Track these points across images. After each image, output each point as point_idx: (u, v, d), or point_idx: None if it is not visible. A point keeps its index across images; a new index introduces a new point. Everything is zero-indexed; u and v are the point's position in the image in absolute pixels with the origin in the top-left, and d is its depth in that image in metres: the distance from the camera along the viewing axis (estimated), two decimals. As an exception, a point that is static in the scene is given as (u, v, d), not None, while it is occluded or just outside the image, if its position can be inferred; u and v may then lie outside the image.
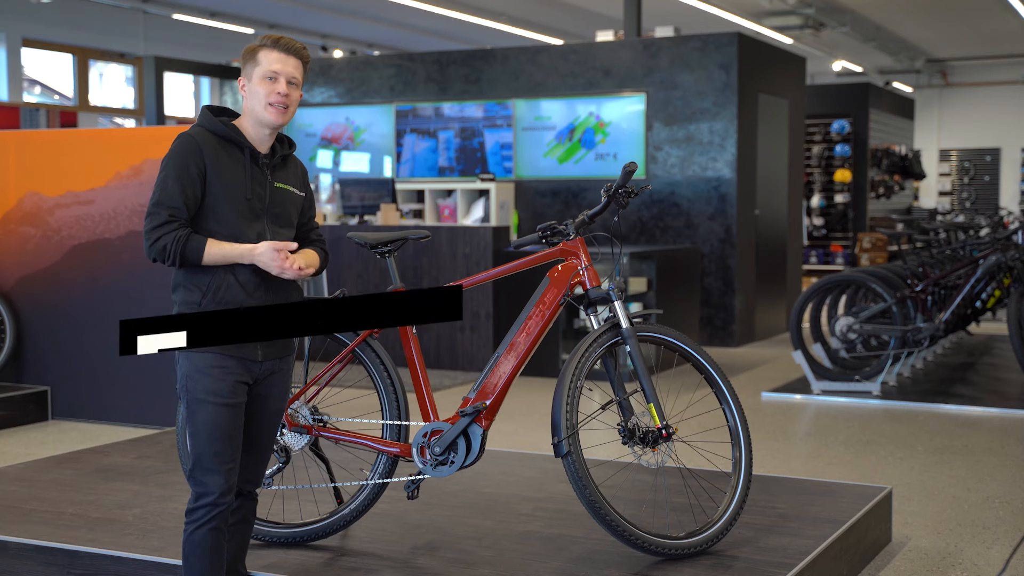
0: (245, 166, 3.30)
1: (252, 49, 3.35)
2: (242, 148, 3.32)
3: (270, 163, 3.36)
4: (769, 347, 10.90)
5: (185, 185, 3.20)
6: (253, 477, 3.46)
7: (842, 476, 5.81)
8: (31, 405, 7.23)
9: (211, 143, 3.27)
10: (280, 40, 3.33)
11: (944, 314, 8.25)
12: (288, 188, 3.41)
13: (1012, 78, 22.80)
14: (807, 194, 16.96)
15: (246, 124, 3.35)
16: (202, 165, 3.23)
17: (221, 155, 3.27)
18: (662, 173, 10.89)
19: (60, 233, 7.21)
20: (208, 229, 3.24)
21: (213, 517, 3.24)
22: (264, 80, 3.29)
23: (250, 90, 3.32)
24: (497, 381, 3.83)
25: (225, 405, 3.23)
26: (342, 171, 12.34)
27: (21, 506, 4.50)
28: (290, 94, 3.31)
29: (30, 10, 14.82)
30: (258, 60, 3.32)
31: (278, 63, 3.30)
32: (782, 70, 11.95)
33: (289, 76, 3.31)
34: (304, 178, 3.54)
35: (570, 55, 11.42)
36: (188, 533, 3.25)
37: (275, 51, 3.31)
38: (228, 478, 3.24)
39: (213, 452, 3.22)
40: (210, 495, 3.23)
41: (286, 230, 3.40)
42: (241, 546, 3.51)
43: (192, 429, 3.25)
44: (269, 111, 3.29)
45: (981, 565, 4.46)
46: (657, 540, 3.73)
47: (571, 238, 3.91)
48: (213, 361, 3.22)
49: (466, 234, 9.22)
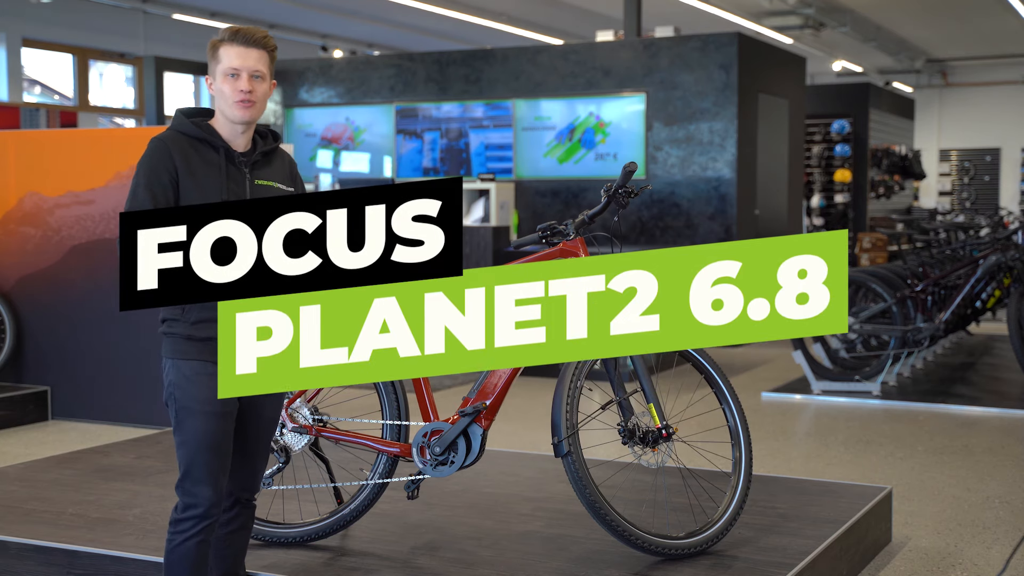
0: (220, 166, 3.20)
1: (214, 45, 3.23)
2: (216, 148, 3.22)
3: (249, 160, 3.26)
4: (769, 347, 10.90)
5: (156, 192, 3.11)
6: (251, 485, 3.40)
7: (842, 476, 5.81)
8: (31, 405, 7.23)
9: (182, 146, 3.18)
10: (239, 32, 3.21)
11: (944, 314, 8.25)
12: (272, 184, 3.30)
13: (1012, 78, 22.80)
14: (807, 194, 16.96)
15: (219, 122, 3.25)
16: (172, 169, 3.13)
17: (193, 157, 3.17)
18: (662, 173, 10.89)
19: (60, 233, 7.21)
20: None
21: (201, 530, 3.16)
22: (227, 78, 3.19)
23: (217, 89, 3.22)
24: (497, 381, 3.82)
25: (215, 414, 3.15)
26: (342, 171, 12.34)
27: (21, 506, 4.50)
28: (254, 89, 3.19)
29: (30, 10, 14.82)
30: (219, 57, 3.20)
31: (238, 59, 3.18)
32: (782, 70, 11.95)
33: (252, 70, 3.19)
34: (292, 171, 3.42)
35: (570, 55, 11.43)
36: (173, 544, 3.17)
37: (234, 46, 3.19)
38: (217, 489, 3.17)
39: (203, 463, 3.14)
40: (199, 507, 3.15)
41: None
42: (239, 553, 3.46)
43: (181, 439, 3.16)
44: (236, 108, 3.18)
45: (981, 565, 4.46)
46: (657, 540, 3.73)
47: (571, 238, 3.91)
48: (200, 368, 3.14)
49: (466, 234, 9.21)
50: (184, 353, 3.15)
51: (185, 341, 3.15)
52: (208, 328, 3.13)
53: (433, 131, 11.90)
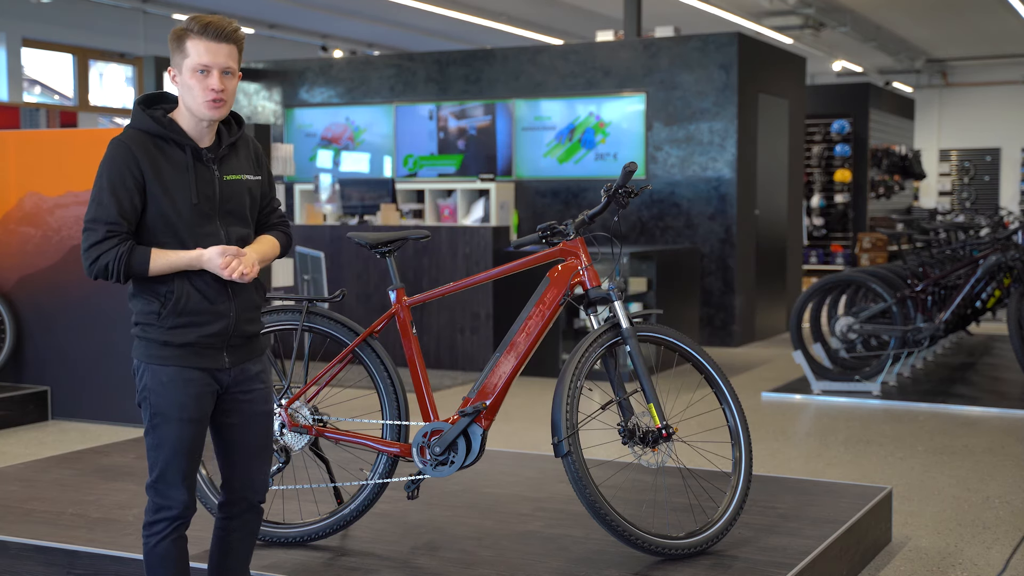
0: (188, 166, 3.04)
1: (178, 35, 3.01)
2: (183, 147, 3.05)
3: (216, 156, 3.10)
4: (769, 347, 10.90)
5: (122, 198, 2.96)
6: (259, 485, 3.31)
7: (842, 476, 5.81)
8: (31, 405, 7.22)
9: (146, 147, 3.01)
10: (209, 25, 2.99)
11: (944, 314, 8.25)
12: (241, 177, 3.16)
13: (1012, 78, 22.80)
14: (807, 194, 16.96)
15: (183, 116, 3.06)
16: (139, 173, 2.98)
17: (159, 159, 3.02)
18: (662, 173, 10.89)
19: (60, 233, 7.21)
20: (152, 239, 3.03)
21: (175, 529, 3.11)
22: (195, 74, 2.98)
23: (182, 83, 3.01)
24: (497, 381, 3.82)
25: (191, 420, 3.08)
26: (342, 171, 12.34)
27: (21, 506, 4.50)
28: (226, 87, 3.01)
29: (30, 10, 14.83)
30: (186, 50, 2.99)
31: (208, 55, 2.98)
32: (782, 70, 11.95)
33: (223, 67, 3.00)
34: (258, 158, 3.25)
35: (570, 55, 11.43)
36: (151, 546, 3.11)
37: (203, 40, 2.98)
38: (191, 492, 3.12)
39: (178, 467, 3.08)
40: (173, 509, 3.10)
41: (241, 227, 3.17)
42: (246, 557, 3.38)
43: (155, 442, 3.09)
44: (206, 108, 3.01)
45: (981, 565, 4.46)
46: (657, 540, 3.73)
47: (571, 238, 3.91)
48: (176, 375, 3.07)
49: (466, 234, 9.22)
50: (160, 359, 3.08)
51: (161, 346, 3.08)
52: (185, 333, 3.07)
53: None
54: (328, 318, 3.97)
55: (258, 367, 3.26)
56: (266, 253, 3.22)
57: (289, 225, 3.41)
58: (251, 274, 3.07)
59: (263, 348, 3.32)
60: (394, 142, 12.14)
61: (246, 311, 3.18)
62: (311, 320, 3.95)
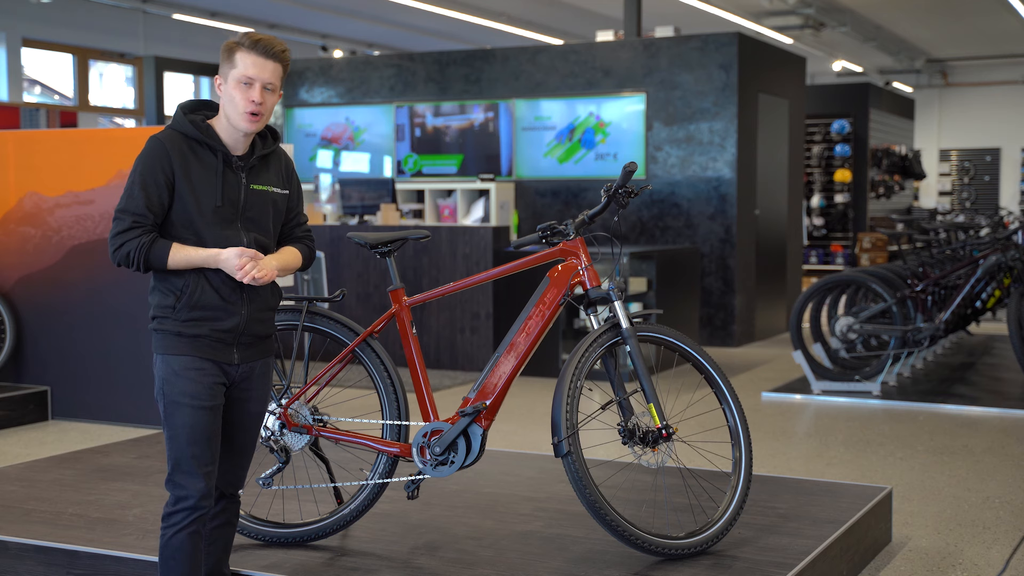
0: (217, 171, 3.20)
1: (230, 47, 3.20)
2: (215, 151, 3.21)
3: (246, 165, 3.26)
4: (769, 347, 10.90)
5: (151, 192, 3.12)
6: (235, 480, 3.43)
7: (842, 476, 5.81)
8: (31, 405, 7.23)
9: (181, 147, 3.18)
10: (260, 42, 3.18)
11: (944, 314, 8.25)
12: (268, 189, 3.31)
13: (1012, 78, 22.80)
14: (807, 194, 16.96)
15: (221, 124, 3.24)
16: (170, 172, 3.14)
17: (191, 160, 3.17)
18: (662, 173, 10.89)
19: (60, 233, 7.21)
20: (176, 235, 3.18)
21: (192, 521, 3.19)
22: (239, 84, 3.17)
23: (226, 92, 3.20)
24: (497, 381, 3.82)
25: (203, 408, 3.19)
26: (342, 171, 12.34)
27: (21, 506, 4.50)
28: (265, 101, 3.19)
29: (30, 10, 14.82)
30: (235, 61, 3.18)
31: (254, 68, 3.17)
32: (782, 70, 11.95)
33: (265, 82, 3.19)
34: (289, 173, 3.42)
35: (570, 55, 11.43)
36: (167, 538, 3.20)
37: (252, 54, 3.17)
38: (208, 481, 3.20)
39: (192, 455, 3.18)
40: (190, 499, 3.18)
41: (261, 234, 3.30)
42: (224, 548, 3.47)
43: (170, 432, 3.20)
44: (243, 120, 3.19)
45: (981, 565, 4.46)
46: (657, 540, 3.73)
47: (571, 238, 3.91)
48: (189, 363, 3.18)
49: (466, 234, 9.22)
50: (174, 348, 3.20)
51: (175, 337, 3.20)
52: (198, 325, 3.20)
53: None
54: (328, 318, 3.97)
55: (263, 368, 3.38)
56: (287, 262, 3.36)
57: (314, 239, 3.55)
58: (264, 279, 3.19)
59: (272, 350, 3.43)
60: (394, 143, 12.15)
61: (259, 311, 3.31)
62: (311, 320, 3.95)
